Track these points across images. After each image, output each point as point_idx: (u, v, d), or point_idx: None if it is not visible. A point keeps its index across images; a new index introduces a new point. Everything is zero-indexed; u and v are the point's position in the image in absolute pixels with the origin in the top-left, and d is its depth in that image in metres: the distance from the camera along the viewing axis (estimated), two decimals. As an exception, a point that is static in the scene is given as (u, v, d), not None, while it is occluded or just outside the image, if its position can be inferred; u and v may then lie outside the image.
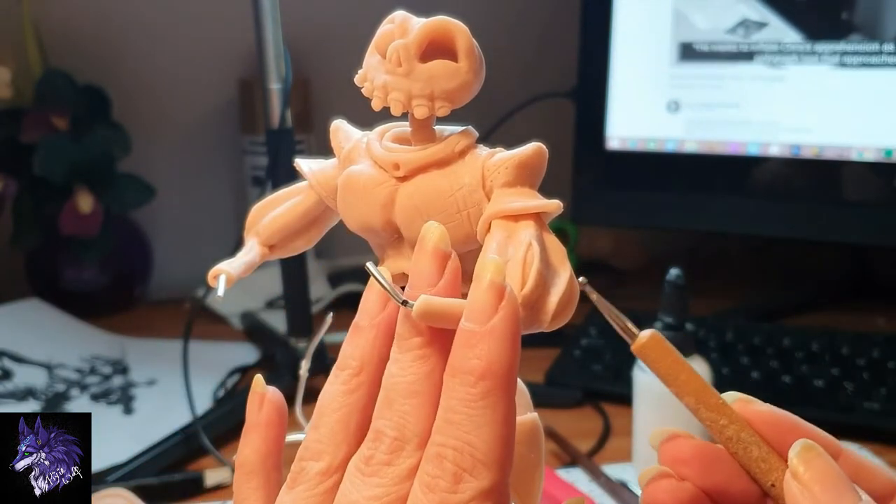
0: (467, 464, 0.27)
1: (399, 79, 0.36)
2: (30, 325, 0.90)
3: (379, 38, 0.36)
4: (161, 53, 1.07)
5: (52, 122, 0.95)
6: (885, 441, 0.69)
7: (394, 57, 0.35)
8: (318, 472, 0.30)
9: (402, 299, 0.30)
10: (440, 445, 0.27)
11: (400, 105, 0.36)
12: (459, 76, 0.36)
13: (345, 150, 0.39)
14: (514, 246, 0.33)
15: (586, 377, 0.80)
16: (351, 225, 0.38)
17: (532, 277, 0.32)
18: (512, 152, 0.36)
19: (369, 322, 0.32)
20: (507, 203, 0.35)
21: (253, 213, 0.41)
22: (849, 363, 0.78)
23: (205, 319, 0.94)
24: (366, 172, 0.38)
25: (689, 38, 0.91)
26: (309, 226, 0.42)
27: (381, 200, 0.37)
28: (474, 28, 0.37)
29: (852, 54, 0.85)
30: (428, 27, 0.36)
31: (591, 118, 0.96)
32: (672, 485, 0.30)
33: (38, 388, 0.81)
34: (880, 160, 0.85)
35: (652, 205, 0.96)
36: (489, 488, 0.27)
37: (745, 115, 0.90)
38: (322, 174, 0.40)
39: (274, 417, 0.34)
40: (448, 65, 0.36)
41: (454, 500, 0.27)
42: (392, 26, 0.36)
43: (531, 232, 0.34)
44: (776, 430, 0.30)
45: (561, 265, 0.34)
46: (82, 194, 0.96)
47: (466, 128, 0.38)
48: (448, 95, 0.36)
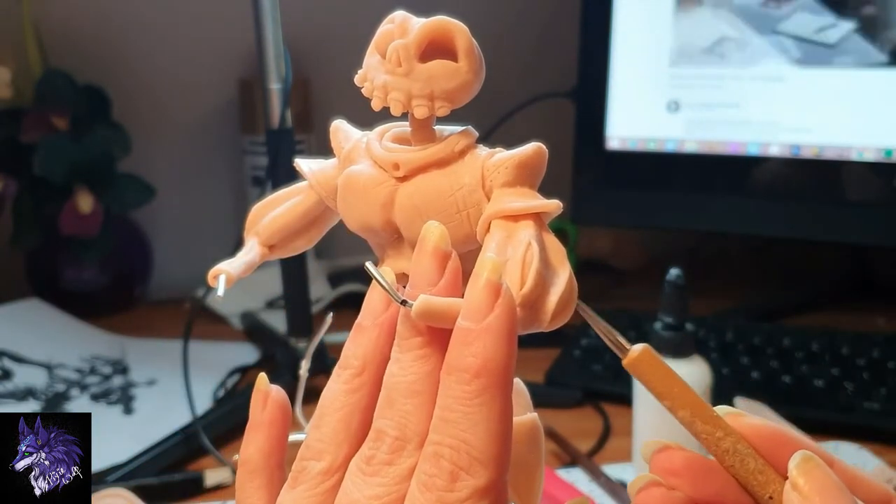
0: (464, 462, 0.27)
1: (399, 79, 0.36)
2: (30, 325, 0.90)
3: (379, 38, 0.36)
4: (161, 53, 1.07)
5: (53, 122, 0.95)
6: (886, 441, 0.69)
7: (393, 57, 0.35)
8: (320, 471, 0.30)
9: (401, 299, 0.30)
10: (437, 444, 0.27)
11: (400, 105, 0.36)
12: (459, 76, 0.36)
13: (345, 151, 0.39)
14: (513, 246, 0.33)
15: (586, 377, 0.80)
16: (351, 225, 0.38)
17: (531, 277, 0.32)
18: (511, 152, 0.36)
19: (372, 322, 0.32)
20: (506, 203, 0.35)
21: (253, 213, 0.41)
22: (849, 363, 0.78)
23: (205, 319, 0.94)
24: (366, 172, 0.38)
25: (688, 41, 0.91)
26: (309, 226, 0.42)
27: (380, 200, 0.37)
28: (474, 28, 0.37)
29: (852, 54, 0.85)
30: (428, 27, 0.36)
31: (591, 118, 0.96)
32: (663, 493, 0.30)
33: (38, 388, 0.81)
34: (880, 160, 0.85)
35: (652, 205, 0.96)
36: (486, 486, 0.27)
37: (745, 115, 0.90)
38: (322, 174, 0.40)
39: (277, 416, 0.34)
40: (448, 65, 0.36)
41: (451, 499, 0.27)
42: (392, 26, 0.36)
43: (530, 232, 0.34)
44: (770, 442, 0.30)
45: (560, 265, 0.34)
46: (82, 194, 0.96)
47: (466, 128, 0.38)
48: (448, 95, 0.36)
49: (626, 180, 0.96)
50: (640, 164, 0.95)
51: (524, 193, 0.35)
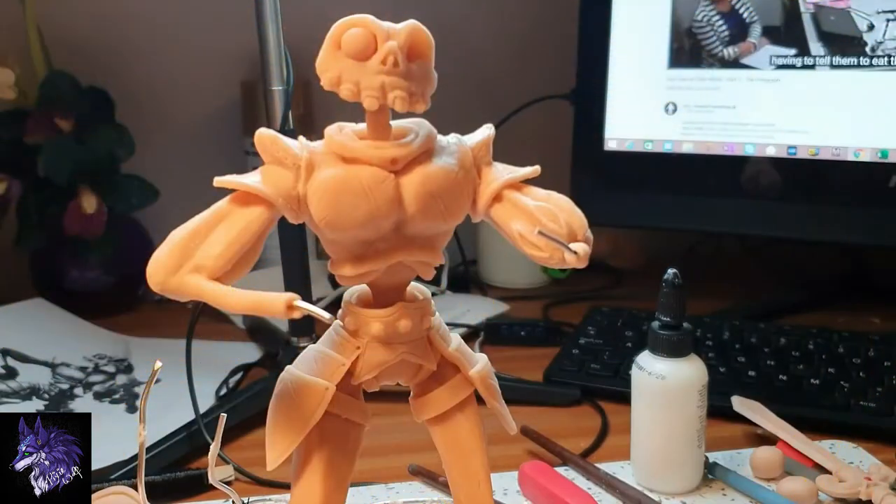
0: None
1: (398, 79, 0.38)
2: (34, 324, 0.91)
3: (351, 42, 0.38)
4: (164, 55, 1.08)
5: (56, 123, 0.96)
6: (880, 440, 0.69)
7: (391, 59, 0.38)
8: None
9: (573, 250, 0.39)
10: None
11: (406, 103, 0.38)
12: (434, 75, 0.40)
13: (304, 158, 0.39)
14: (544, 200, 0.41)
15: (585, 376, 0.80)
16: (348, 225, 0.39)
17: (582, 217, 0.41)
18: (480, 136, 0.42)
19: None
20: (507, 175, 0.42)
21: (179, 251, 0.38)
22: (844, 362, 0.79)
23: (208, 319, 0.95)
24: (361, 172, 0.39)
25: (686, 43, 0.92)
26: (256, 246, 0.40)
27: (389, 195, 0.39)
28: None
29: (848, 55, 0.86)
30: (411, 31, 0.39)
31: (590, 119, 0.97)
32: None
33: (42, 386, 0.82)
34: (876, 160, 0.86)
35: (650, 205, 0.97)
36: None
37: (742, 116, 0.91)
38: (276, 186, 0.39)
39: None
40: (428, 65, 0.40)
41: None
42: (361, 31, 0.38)
43: (542, 189, 0.42)
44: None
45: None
46: (86, 195, 0.96)
47: (424, 120, 0.42)
48: (429, 92, 0.40)
49: (624, 181, 0.97)
50: (638, 164, 0.96)
51: (504, 167, 0.42)
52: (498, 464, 0.63)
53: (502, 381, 0.48)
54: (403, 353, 0.44)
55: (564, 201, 0.41)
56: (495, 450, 0.51)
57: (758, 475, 0.64)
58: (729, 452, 0.67)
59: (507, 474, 0.64)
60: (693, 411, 0.61)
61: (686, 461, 0.62)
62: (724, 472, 0.63)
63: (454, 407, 0.46)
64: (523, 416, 0.75)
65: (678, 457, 0.62)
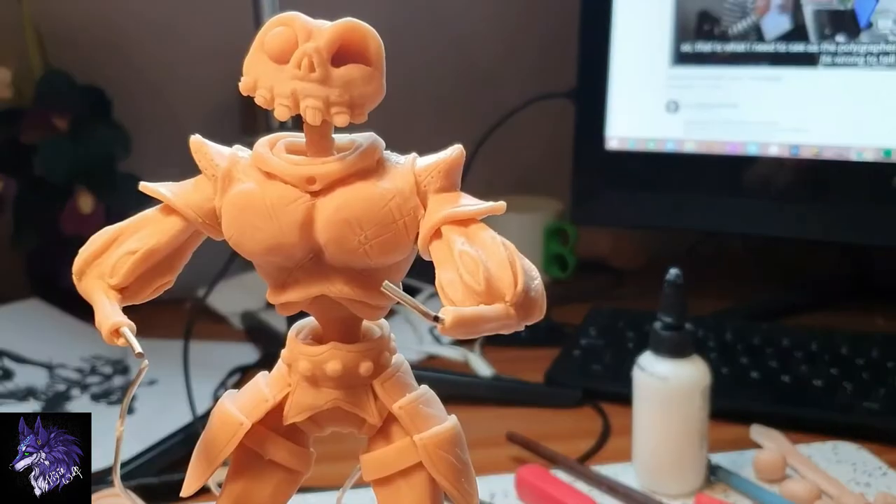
0: None
1: (312, 85, 0.33)
2: (30, 325, 0.91)
3: (272, 43, 0.34)
4: (162, 53, 1.07)
5: (53, 122, 0.95)
6: (885, 441, 0.69)
7: (305, 62, 0.33)
8: None
9: (433, 315, 0.30)
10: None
11: (319, 113, 0.33)
12: (375, 80, 0.34)
13: (222, 168, 0.36)
14: (481, 247, 0.33)
15: (586, 377, 0.80)
16: (251, 249, 0.35)
17: (520, 274, 0.32)
18: (436, 158, 0.35)
19: None
20: (454, 207, 0.34)
21: (85, 256, 0.37)
22: (848, 363, 0.78)
23: (205, 319, 0.94)
24: (270, 190, 0.35)
25: (689, 41, 0.91)
26: (171, 258, 0.38)
27: (297, 219, 0.34)
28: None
29: (850, 55, 0.85)
30: (339, 29, 0.33)
31: (591, 118, 0.96)
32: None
33: (38, 387, 0.81)
34: (879, 160, 0.86)
35: (651, 205, 0.96)
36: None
37: (744, 115, 0.90)
38: (189, 196, 0.36)
39: None
40: (363, 69, 0.34)
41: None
42: (284, 29, 0.34)
43: (491, 232, 0.33)
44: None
45: (522, 257, 0.33)
46: (83, 194, 0.96)
47: (372, 134, 0.36)
48: (365, 101, 0.34)
49: (625, 180, 0.97)
50: (640, 164, 0.95)
51: (460, 196, 0.35)
52: (490, 468, 0.62)
53: (503, 382, 0.46)
54: (337, 399, 0.38)
55: (501, 254, 0.32)
56: (485, 453, 0.49)
57: (760, 477, 0.63)
58: (731, 454, 0.67)
59: (504, 477, 0.63)
60: (695, 412, 0.60)
61: (688, 463, 0.61)
62: (727, 473, 0.63)
63: (397, 473, 0.38)
64: (524, 417, 0.75)
65: (680, 458, 0.61)
